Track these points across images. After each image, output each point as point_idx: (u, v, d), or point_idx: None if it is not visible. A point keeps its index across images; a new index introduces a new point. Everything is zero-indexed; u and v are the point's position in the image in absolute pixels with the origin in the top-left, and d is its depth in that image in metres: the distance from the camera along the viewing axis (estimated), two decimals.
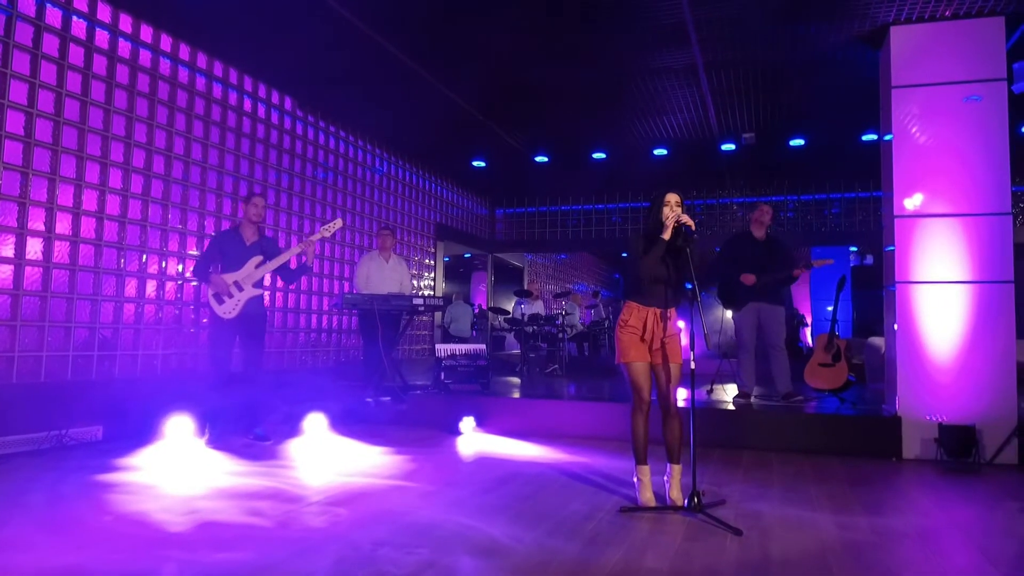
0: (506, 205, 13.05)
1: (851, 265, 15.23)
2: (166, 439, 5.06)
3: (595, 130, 8.73)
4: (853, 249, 15.20)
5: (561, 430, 5.88)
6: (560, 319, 9.78)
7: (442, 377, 6.52)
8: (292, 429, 5.68)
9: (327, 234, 5.52)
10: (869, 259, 16.12)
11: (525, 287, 12.40)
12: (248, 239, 5.38)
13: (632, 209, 12.16)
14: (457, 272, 16.65)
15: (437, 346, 6.83)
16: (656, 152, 9.27)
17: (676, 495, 3.60)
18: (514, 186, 12.11)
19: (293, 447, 5.22)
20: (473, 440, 5.64)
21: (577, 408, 6.01)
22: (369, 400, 6.58)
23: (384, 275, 7.31)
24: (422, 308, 6.89)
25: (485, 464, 4.76)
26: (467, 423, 5.89)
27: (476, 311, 15.62)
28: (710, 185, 11.39)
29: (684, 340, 3.80)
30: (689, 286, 3.69)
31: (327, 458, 4.88)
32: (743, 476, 4.49)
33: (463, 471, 4.59)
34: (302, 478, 4.26)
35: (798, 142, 8.73)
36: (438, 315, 10.84)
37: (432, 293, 10.49)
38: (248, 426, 5.39)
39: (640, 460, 3.67)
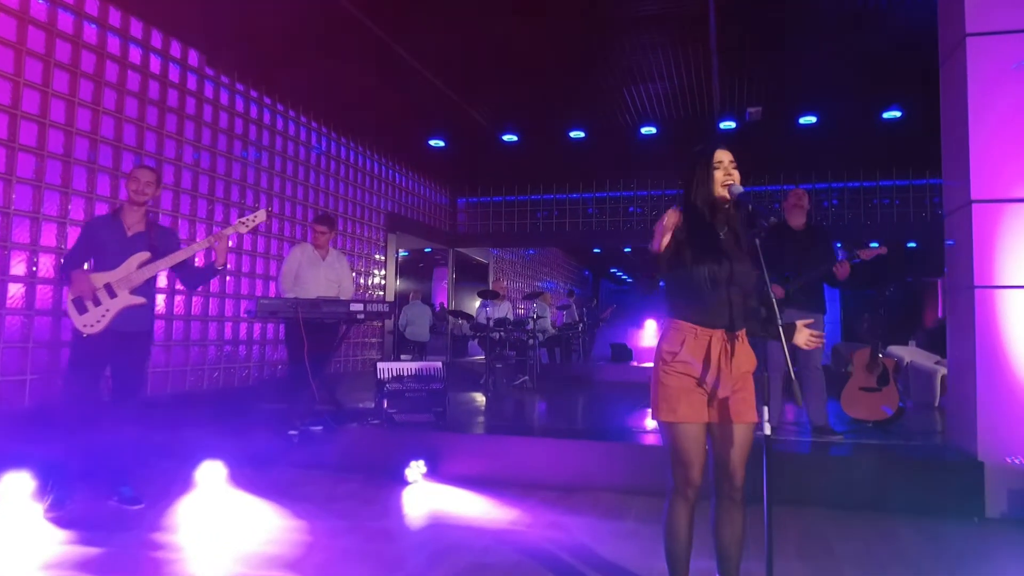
0: (469, 194, 11.66)
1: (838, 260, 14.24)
2: None
3: (574, 101, 7.38)
4: (837, 245, 14.24)
5: (538, 477, 4.52)
6: (531, 323, 8.45)
7: (385, 405, 5.11)
8: (179, 484, 4.23)
9: (244, 229, 4.08)
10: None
11: (490, 287, 11.03)
12: (130, 227, 3.88)
13: (611, 199, 10.87)
14: (416, 268, 15.18)
15: (379, 364, 5.40)
16: (644, 131, 7.97)
17: None
18: (478, 171, 10.71)
19: (173, 514, 3.76)
20: (423, 495, 4.26)
21: (558, 448, 4.65)
22: (293, 433, 5.15)
23: (318, 274, 5.85)
24: (362, 316, 5.46)
25: (438, 542, 3.39)
26: (415, 469, 4.50)
27: (437, 309, 14.18)
28: None
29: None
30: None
31: (216, 533, 3.45)
32: (800, 562, 3.19)
33: (407, 562, 3.19)
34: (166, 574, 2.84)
35: (809, 120, 7.51)
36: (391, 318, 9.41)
37: (383, 294, 9.04)
38: (112, 484, 3.92)
39: (678, 574, 2.33)
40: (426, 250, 13.50)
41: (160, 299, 5.72)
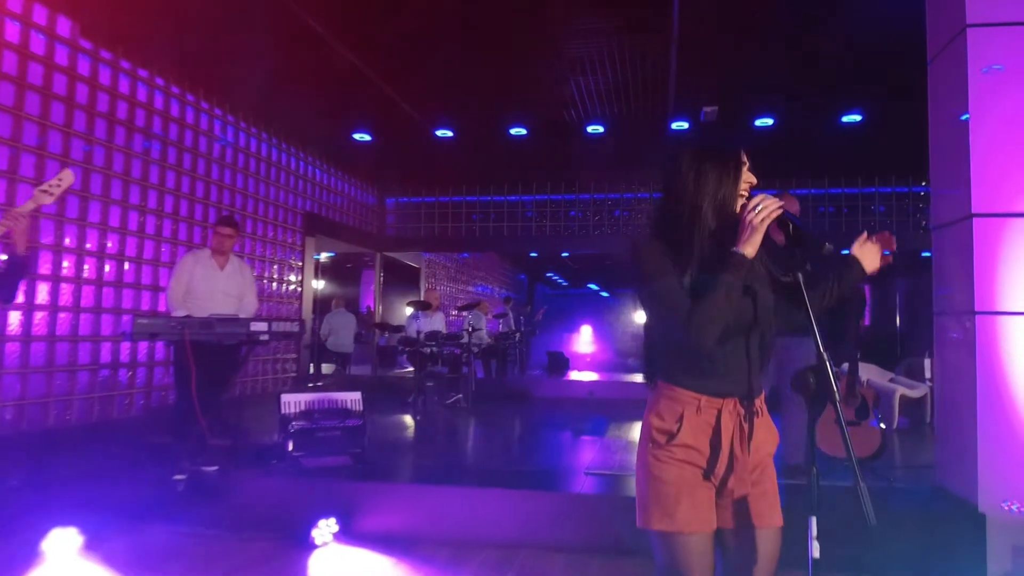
0: (399, 194, 10.80)
1: None
2: None
3: (516, 94, 6.67)
4: None
5: (476, 534, 3.78)
6: (466, 336, 7.71)
7: (290, 448, 4.26)
8: (21, 554, 3.32)
9: (48, 199, 3.08)
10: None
11: (422, 296, 10.23)
12: None
13: (551, 202, 10.21)
14: (343, 270, 14.17)
15: (283, 397, 4.54)
16: (590, 129, 7.34)
17: None
18: (409, 169, 9.86)
19: None
20: (334, 563, 3.46)
21: (499, 500, 3.91)
22: (180, 478, 4.26)
23: (214, 287, 4.99)
24: (266, 337, 4.61)
25: None
26: (325, 528, 3.69)
27: (364, 312, 13.28)
28: (644, 177, 9.59)
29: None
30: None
31: None
32: None
33: None
34: None
35: (765, 122, 7.02)
36: (317, 324, 8.50)
37: (297, 304, 8.11)
38: None
39: None
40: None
41: (14, 316, 4.71)
